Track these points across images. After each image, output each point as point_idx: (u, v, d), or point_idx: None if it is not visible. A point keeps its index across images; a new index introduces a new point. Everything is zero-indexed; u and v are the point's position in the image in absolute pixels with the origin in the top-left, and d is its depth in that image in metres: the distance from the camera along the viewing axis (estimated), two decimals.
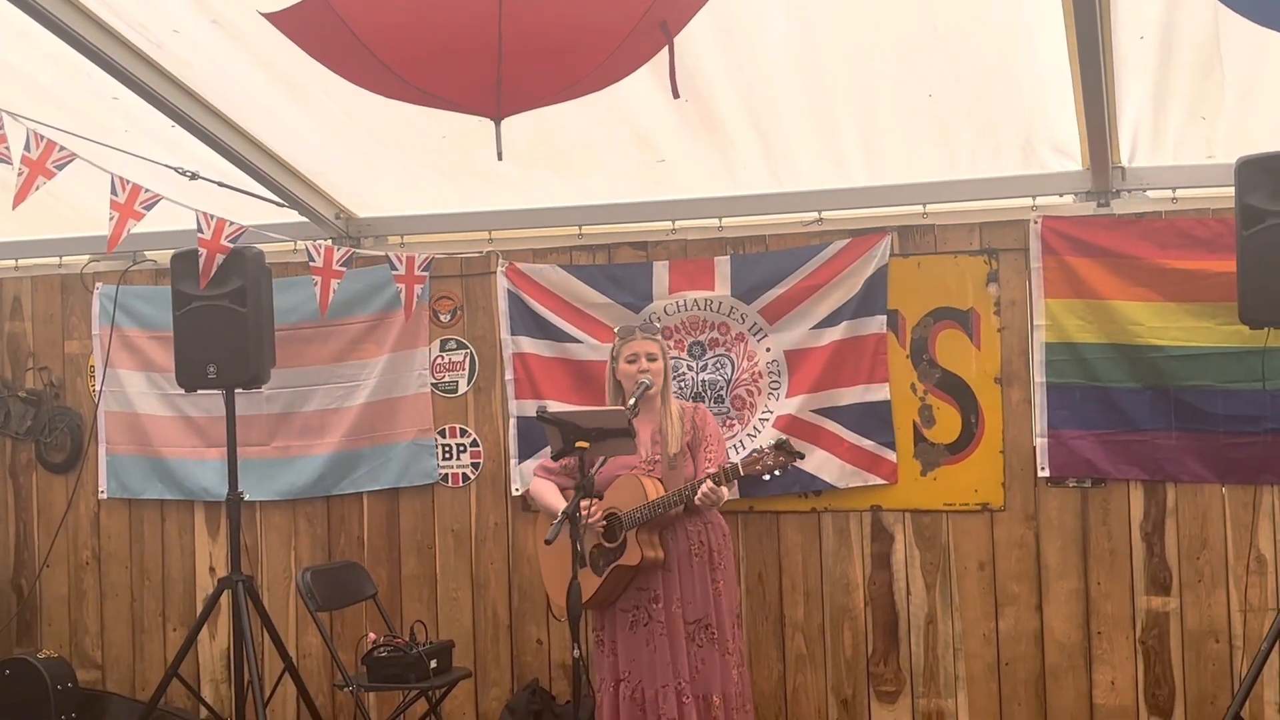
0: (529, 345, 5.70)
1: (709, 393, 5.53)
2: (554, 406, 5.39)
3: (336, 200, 5.78)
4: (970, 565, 5.32)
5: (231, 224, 5.04)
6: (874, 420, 5.35)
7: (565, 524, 4.30)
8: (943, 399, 5.33)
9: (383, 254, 5.63)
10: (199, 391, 5.47)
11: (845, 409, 5.37)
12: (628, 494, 4.76)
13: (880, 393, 5.35)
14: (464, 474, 5.87)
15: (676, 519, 4.77)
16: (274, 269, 5.42)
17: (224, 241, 5.04)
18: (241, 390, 5.34)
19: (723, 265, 5.50)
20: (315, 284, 5.33)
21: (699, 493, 4.61)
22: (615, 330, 5.13)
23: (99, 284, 6.25)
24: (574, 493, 4.45)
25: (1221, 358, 4.96)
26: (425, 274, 5.60)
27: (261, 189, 5.38)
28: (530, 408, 5.58)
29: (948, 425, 5.33)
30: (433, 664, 5.26)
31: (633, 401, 4.74)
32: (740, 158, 5.15)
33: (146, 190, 4.74)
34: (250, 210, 5.38)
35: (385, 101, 3.66)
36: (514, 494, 5.74)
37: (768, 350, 5.48)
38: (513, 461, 5.74)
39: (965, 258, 5.32)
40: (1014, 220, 5.24)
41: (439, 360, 5.90)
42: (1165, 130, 4.81)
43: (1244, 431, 4.97)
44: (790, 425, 5.36)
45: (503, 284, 5.74)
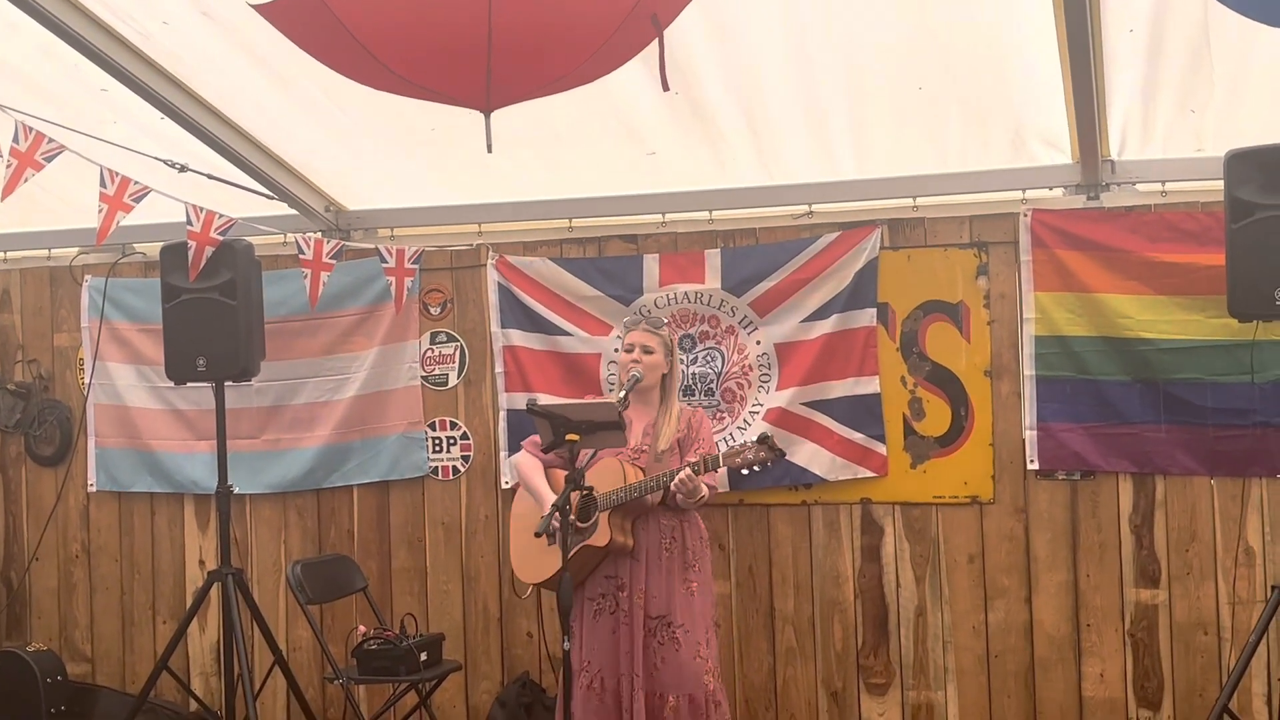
0: (519, 338, 5.70)
1: (699, 385, 5.53)
2: (544, 399, 5.37)
3: (326, 193, 5.77)
4: (960, 558, 5.33)
5: (221, 216, 5.04)
6: (864, 413, 5.36)
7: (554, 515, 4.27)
8: (932, 392, 5.34)
9: (372, 247, 5.63)
10: (188, 384, 5.48)
11: (835, 402, 5.38)
12: (607, 476, 4.71)
13: (870, 386, 5.35)
14: (454, 467, 5.87)
15: (652, 511, 4.75)
16: (264, 261, 5.40)
17: (213, 234, 5.05)
18: (231, 383, 5.33)
19: (713, 258, 5.50)
20: (305, 277, 5.34)
21: (676, 479, 4.56)
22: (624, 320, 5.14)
23: (88, 276, 6.22)
24: (560, 473, 4.41)
25: (1210, 351, 4.97)
26: (415, 267, 5.60)
27: (251, 181, 5.36)
28: (520, 400, 5.58)
29: (937, 418, 5.33)
30: (423, 657, 5.26)
31: (623, 394, 4.71)
32: (730, 150, 5.14)
33: (135, 182, 4.74)
34: (240, 203, 5.37)
35: (375, 94, 3.65)
36: (504, 487, 5.73)
37: (758, 343, 5.48)
38: (503, 454, 5.73)
39: (955, 251, 5.33)
40: (1004, 213, 5.25)
41: (429, 353, 5.89)
42: (1155, 123, 4.82)
43: (1233, 424, 4.98)
44: (780, 418, 5.37)
45: (493, 277, 5.73)
